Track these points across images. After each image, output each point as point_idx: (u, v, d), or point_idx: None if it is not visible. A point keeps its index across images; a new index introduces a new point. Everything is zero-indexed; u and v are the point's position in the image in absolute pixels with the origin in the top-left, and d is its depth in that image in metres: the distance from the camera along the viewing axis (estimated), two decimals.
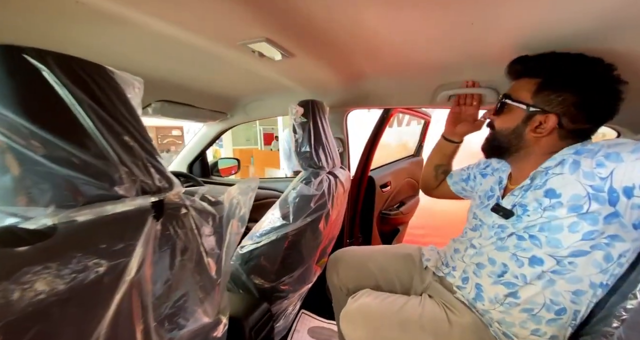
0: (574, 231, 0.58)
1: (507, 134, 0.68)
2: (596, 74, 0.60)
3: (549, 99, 0.61)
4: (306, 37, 0.68)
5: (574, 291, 0.61)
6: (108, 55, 0.76)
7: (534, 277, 0.63)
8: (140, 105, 0.53)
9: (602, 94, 0.60)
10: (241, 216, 0.58)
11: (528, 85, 0.65)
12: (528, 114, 0.64)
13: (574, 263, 0.59)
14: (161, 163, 0.50)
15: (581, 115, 0.61)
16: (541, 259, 0.62)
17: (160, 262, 0.45)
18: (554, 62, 0.63)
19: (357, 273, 0.95)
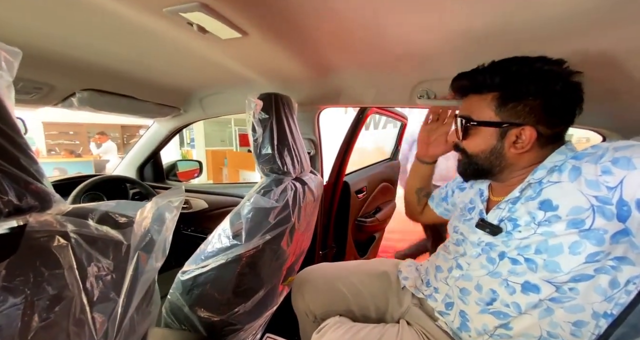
0: (575, 253, 0.50)
1: (485, 156, 0.60)
2: (552, 73, 0.54)
3: (516, 110, 0.55)
4: (258, 10, 0.54)
5: (575, 322, 0.52)
6: (12, 28, 0.58)
7: (529, 307, 0.54)
8: (11, 85, 0.36)
9: (565, 92, 0.55)
10: (160, 244, 0.42)
11: (485, 101, 0.58)
12: (501, 131, 0.57)
13: (575, 289, 0.51)
14: (33, 169, 0.33)
15: (554, 119, 0.55)
16: (536, 285, 0.54)
17: (3, 327, 0.29)
18: (506, 72, 0.56)
19: (326, 296, 0.82)
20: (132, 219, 0.41)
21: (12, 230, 0.31)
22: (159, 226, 0.43)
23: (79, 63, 0.77)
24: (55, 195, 0.36)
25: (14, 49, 0.35)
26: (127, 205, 0.43)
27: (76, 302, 0.33)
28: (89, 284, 0.34)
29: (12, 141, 0.32)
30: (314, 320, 0.84)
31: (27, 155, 0.33)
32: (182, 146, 7.32)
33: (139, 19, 0.55)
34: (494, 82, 0.57)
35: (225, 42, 0.65)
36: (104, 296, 0.35)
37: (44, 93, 0.82)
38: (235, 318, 0.73)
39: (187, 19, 0.53)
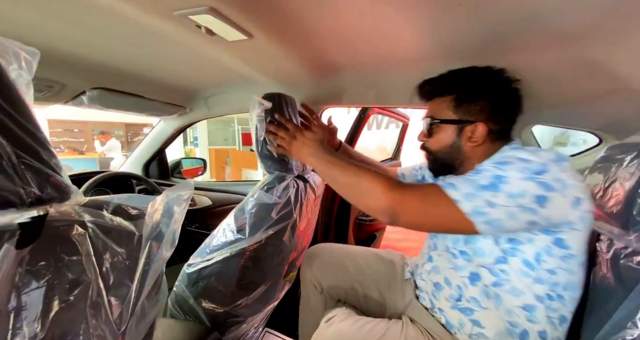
0: (486, 236, 0.59)
1: (447, 151, 0.69)
2: (498, 80, 0.66)
3: (469, 110, 0.65)
4: (263, 14, 0.56)
5: (524, 307, 0.58)
6: (28, 29, 0.60)
7: (483, 297, 0.61)
8: (30, 83, 0.39)
9: (508, 95, 0.66)
10: (169, 235, 0.44)
11: (444, 103, 0.67)
12: (458, 128, 0.66)
13: (505, 271, 0.58)
14: (53, 163, 0.36)
15: (500, 117, 0.65)
16: (477, 273, 0.62)
17: (27, 307, 0.31)
18: (461, 78, 0.67)
19: (333, 271, 0.87)
20: (143, 211, 0.43)
21: (34, 219, 0.34)
22: (168, 218, 0.45)
23: (90, 63, 0.80)
24: (73, 187, 0.39)
25: (32, 50, 0.38)
26: (139, 198, 0.45)
27: (93, 286, 0.35)
28: (104, 270, 0.36)
29: (33, 136, 0.34)
30: (321, 292, 0.89)
31: (47, 150, 0.36)
32: (185, 145, 7.36)
33: (150, 21, 0.58)
34: (451, 86, 0.67)
35: (232, 43, 0.67)
36: (119, 282, 0.38)
37: (55, 91, 0.85)
38: (238, 310, 0.75)
39: (195, 22, 0.55)
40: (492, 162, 0.55)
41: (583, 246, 0.56)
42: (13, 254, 0.30)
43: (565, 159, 0.53)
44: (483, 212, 0.50)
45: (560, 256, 0.55)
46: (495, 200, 0.50)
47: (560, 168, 0.51)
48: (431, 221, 0.56)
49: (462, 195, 0.52)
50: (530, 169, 0.51)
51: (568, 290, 0.57)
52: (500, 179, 0.51)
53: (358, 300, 0.86)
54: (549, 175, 0.50)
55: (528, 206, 0.50)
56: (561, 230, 0.54)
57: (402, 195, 0.55)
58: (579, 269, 0.57)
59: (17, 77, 0.37)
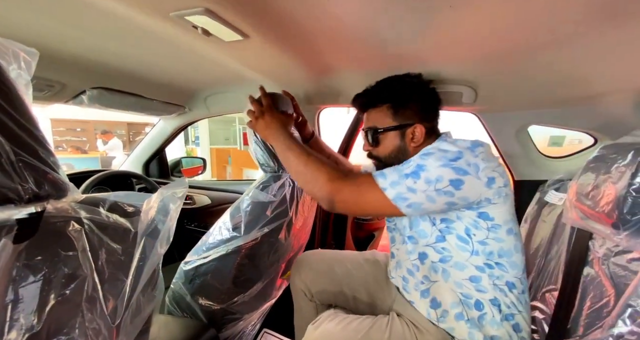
0: (424, 219, 0.67)
1: (394, 155, 0.74)
2: (419, 84, 0.75)
3: (406, 114, 0.71)
4: (259, 14, 0.57)
5: (470, 278, 0.64)
6: (28, 29, 0.61)
7: (431, 272, 0.68)
8: (29, 83, 0.40)
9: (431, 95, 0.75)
10: (164, 232, 0.45)
11: (381, 112, 0.73)
12: (401, 133, 0.72)
13: (446, 248, 0.66)
14: (51, 160, 0.37)
15: (430, 115, 0.74)
16: (424, 252, 0.69)
17: (24, 300, 0.32)
18: (390, 87, 0.74)
19: (322, 277, 0.89)
20: (139, 209, 0.44)
21: (31, 215, 0.35)
22: (163, 216, 0.46)
23: (90, 63, 0.81)
24: (70, 185, 0.40)
25: (31, 50, 0.39)
26: (135, 196, 0.46)
27: (89, 281, 0.36)
28: (100, 265, 0.37)
29: (31, 134, 0.35)
30: (310, 299, 0.89)
31: (45, 148, 0.37)
32: (187, 144, 7.38)
33: (147, 22, 0.58)
34: (385, 95, 0.73)
35: (228, 44, 0.68)
36: (114, 277, 0.39)
37: (55, 90, 0.86)
38: (235, 307, 0.76)
39: (192, 23, 0.56)
40: (419, 154, 0.64)
41: (506, 216, 0.64)
42: (10, 248, 0.31)
43: (479, 145, 0.63)
44: (405, 198, 0.59)
45: (486, 228, 0.63)
46: (415, 186, 0.59)
47: (473, 154, 0.60)
48: (363, 207, 0.65)
49: (388, 183, 0.61)
50: (447, 157, 0.60)
51: (504, 257, 0.63)
52: (421, 168, 0.60)
53: (348, 303, 0.87)
54: (463, 161, 0.59)
55: (444, 189, 0.58)
56: (482, 206, 0.61)
57: (339, 185, 0.64)
58: (507, 236, 0.64)
59: (16, 77, 0.38)
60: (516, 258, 0.64)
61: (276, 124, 0.74)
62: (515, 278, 0.64)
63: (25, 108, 0.35)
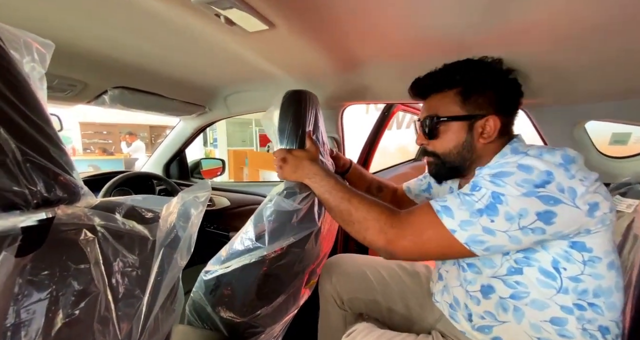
0: None
1: (458, 151, 0.62)
2: (499, 69, 0.63)
3: (478, 103, 0.60)
4: (287, 0, 0.51)
5: (552, 320, 0.52)
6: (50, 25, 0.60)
7: (499, 310, 0.56)
8: (44, 77, 0.36)
9: (512, 84, 0.63)
10: (186, 241, 0.40)
11: (447, 98, 0.62)
12: (469, 124, 0.60)
13: (521, 283, 0.53)
14: (63, 160, 0.33)
15: (509, 108, 0.62)
16: (490, 285, 0.57)
17: (27, 323, 0.28)
18: (463, 69, 0.62)
19: (354, 282, 0.82)
20: (158, 214, 0.39)
21: (40, 223, 0.30)
22: (184, 222, 0.41)
23: (111, 61, 0.79)
24: (83, 188, 0.35)
25: (46, 41, 0.35)
26: (154, 200, 0.42)
27: (101, 298, 0.31)
28: (114, 280, 0.33)
29: (42, 132, 0.31)
30: (340, 305, 0.83)
31: (57, 147, 0.32)
32: (205, 146, 7.56)
33: (168, 12, 0.55)
34: (454, 79, 0.61)
35: (252, 35, 0.63)
36: (129, 293, 0.34)
37: (77, 90, 0.85)
38: (257, 321, 0.71)
39: (215, 10, 0.51)
40: (490, 172, 0.50)
41: (607, 246, 0.50)
42: (12, 263, 0.27)
43: (573, 161, 0.48)
44: (482, 241, 0.47)
45: (581, 261, 0.50)
46: (493, 226, 0.46)
47: (568, 174, 0.46)
48: (429, 253, 0.53)
49: (457, 224, 0.48)
50: (531, 181, 0.46)
51: (601, 297, 0.50)
52: (498, 199, 0.47)
53: (381, 314, 0.80)
54: (553, 186, 0.45)
55: (531, 226, 0.46)
56: (578, 235, 0.49)
57: (396, 236, 0.52)
58: (608, 272, 0.50)
59: (30, 70, 0.34)
60: (616, 298, 0.51)
61: (303, 162, 0.65)
62: (611, 321, 0.51)
63: (36, 103, 0.31)
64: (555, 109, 0.86)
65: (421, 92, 0.67)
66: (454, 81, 0.61)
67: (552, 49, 0.63)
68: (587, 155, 0.92)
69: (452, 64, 0.64)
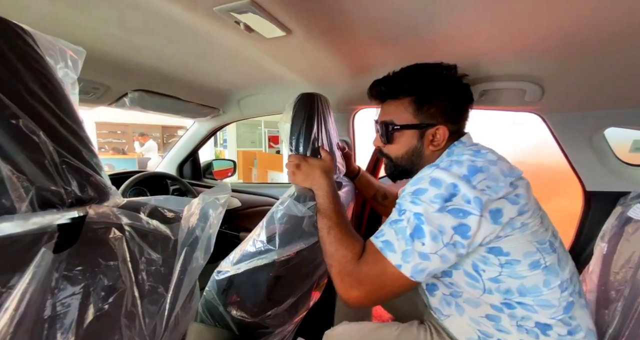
0: None
1: (408, 157, 0.66)
2: (452, 78, 0.64)
3: (430, 112, 0.61)
4: (305, 6, 0.53)
5: (487, 316, 0.56)
6: (76, 30, 0.63)
7: (444, 306, 0.61)
8: (76, 83, 0.38)
9: (463, 93, 0.64)
10: (205, 241, 0.41)
11: (402, 106, 0.64)
12: (420, 133, 0.63)
13: (454, 283, 0.57)
14: (94, 162, 0.35)
15: (458, 117, 0.64)
16: (433, 283, 0.61)
17: (62, 315, 0.29)
18: (418, 78, 0.63)
19: None
20: (179, 215, 0.41)
21: (73, 221, 0.32)
22: (203, 223, 0.42)
23: (132, 65, 0.82)
24: (112, 188, 0.37)
25: (78, 49, 0.37)
26: (175, 200, 0.43)
27: (128, 294, 0.33)
28: (140, 278, 0.34)
29: (76, 135, 0.33)
30: None
31: (89, 149, 0.34)
32: (215, 146, 7.67)
33: (190, 19, 0.57)
34: (409, 87, 0.62)
35: (269, 41, 0.65)
36: (154, 290, 0.35)
37: (100, 93, 0.88)
38: (267, 321, 0.72)
39: (235, 18, 0.53)
40: (410, 190, 0.52)
41: (527, 247, 0.51)
42: (50, 258, 0.28)
43: (480, 170, 0.49)
44: (422, 270, 0.48)
45: (498, 264, 0.51)
46: (425, 249, 0.48)
47: (470, 185, 0.47)
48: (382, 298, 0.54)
49: (400, 257, 0.49)
50: (441, 196, 0.48)
51: (528, 296, 0.51)
52: (420, 219, 0.48)
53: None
54: (459, 199, 0.47)
55: (452, 241, 0.48)
56: (490, 242, 0.50)
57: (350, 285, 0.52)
58: (530, 271, 0.51)
59: (64, 75, 0.36)
60: (549, 296, 0.51)
61: (315, 172, 0.67)
62: (551, 319, 0.51)
63: (71, 108, 0.33)
64: (573, 115, 0.84)
65: (378, 96, 0.69)
66: (408, 89, 0.63)
67: (572, 55, 0.62)
68: (607, 162, 0.89)
69: (408, 68, 0.65)
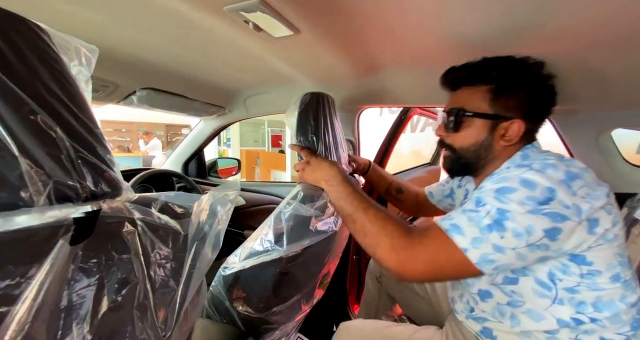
0: None
1: (475, 149, 0.61)
2: (539, 73, 0.59)
3: (507, 104, 0.57)
4: (314, 6, 0.53)
5: (546, 331, 0.51)
6: (88, 28, 0.64)
7: (496, 313, 0.57)
8: (89, 80, 0.39)
9: (548, 91, 0.60)
10: (214, 237, 0.42)
11: (478, 93, 0.59)
12: (492, 124, 0.58)
13: (516, 292, 0.53)
14: (107, 158, 0.35)
15: (538, 115, 0.60)
16: (488, 291, 0.58)
17: (78, 306, 0.30)
18: (501, 66, 0.59)
19: None
20: (189, 210, 0.42)
21: (88, 214, 0.33)
22: (213, 219, 0.43)
23: (141, 63, 0.83)
24: (124, 183, 0.38)
25: (91, 47, 0.37)
26: (184, 196, 0.44)
27: (140, 287, 0.34)
28: (152, 271, 0.35)
29: (90, 131, 0.33)
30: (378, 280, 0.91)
31: (102, 145, 0.35)
32: (219, 145, 7.70)
33: (199, 17, 0.57)
34: (490, 74, 0.58)
35: (276, 40, 0.65)
36: (165, 284, 0.36)
37: (109, 91, 0.89)
38: (272, 317, 0.73)
39: (244, 17, 0.54)
40: (493, 187, 0.49)
41: (612, 258, 0.49)
42: (67, 250, 0.29)
43: (577, 177, 0.47)
44: (492, 260, 0.47)
45: (579, 274, 0.49)
46: (503, 243, 0.46)
47: (570, 191, 0.46)
48: (440, 277, 0.55)
49: (469, 241, 0.47)
50: (535, 199, 0.45)
51: (604, 311, 0.48)
52: (504, 215, 0.46)
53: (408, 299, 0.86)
54: (556, 203, 0.45)
55: (537, 243, 0.46)
56: (577, 249, 0.48)
57: (408, 258, 0.50)
58: (610, 284, 0.49)
59: (77, 73, 0.37)
60: (622, 311, 0.49)
61: (324, 164, 0.65)
62: (617, 335, 0.49)
63: (85, 105, 0.34)
64: (580, 116, 0.84)
65: (453, 83, 0.64)
66: (489, 77, 0.58)
67: (582, 55, 0.62)
68: (614, 164, 0.89)
69: (492, 58, 0.60)
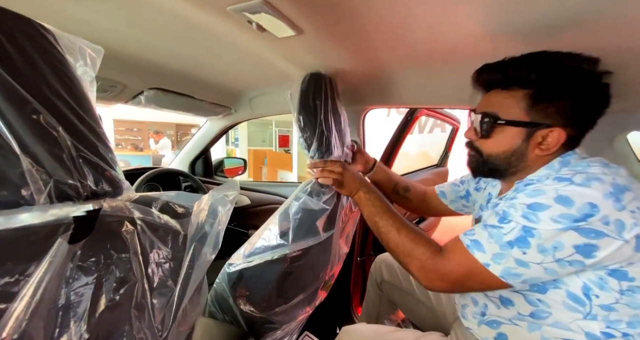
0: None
1: (505, 157, 0.55)
2: (587, 73, 0.50)
3: (546, 111, 0.50)
4: (317, 6, 0.52)
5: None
6: (95, 30, 0.65)
7: (516, 321, 0.54)
8: (94, 80, 0.39)
9: (597, 94, 0.51)
10: (213, 237, 0.42)
11: (514, 98, 0.52)
12: (528, 132, 0.52)
13: (543, 302, 0.49)
14: (109, 157, 0.36)
15: (583, 121, 0.52)
16: (509, 298, 0.54)
17: (75, 304, 0.30)
18: (542, 68, 0.50)
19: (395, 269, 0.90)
20: (189, 210, 0.42)
21: (88, 213, 0.33)
22: (212, 219, 0.43)
23: (148, 63, 0.84)
24: (125, 183, 0.38)
25: (97, 47, 0.38)
26: (185, 196, 0.44)
27: (138, 286, 0.34)
28: (150, 270, 0.35)
29: (93, 130, 0.34)
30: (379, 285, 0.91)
31: (105, 144, 0.35)
32: (227, 145, 7.79)
33: (203, 18, 0.58)
34: (529, 78, 0.51)
35: (280, 40, 0.65)
36: (163, 284, 0.36)
37: (117, 91, 0.91)
38: (274, 317, 0.73)
39: (247, 17, 0.54)
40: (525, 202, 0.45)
41: None
42: (66, 248, 0.30)
43: (626, 189, 0.42)
44: (517, 274, 0.45)
45: (618, 290, 0.44)
46: (526, 258, 0.44)
47: (617, 205, 0.40)
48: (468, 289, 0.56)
49: (490, 257, 0.46)
50: (570, 216, 0.41)
51: (639, 328, 0.45)
52: (530, 233, 0.43)
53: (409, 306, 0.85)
54: (597, 219, 0.40)
55: (569, 259, 0.43)
56: (619, 263, 0.43)
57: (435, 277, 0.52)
58: None
59: (82, 73, 0.37)
60: None
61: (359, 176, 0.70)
62: None
63: (89, 104, 0.34)
64: None
65: (485, 84, 0.58)
66: (527, 81, 0.51)
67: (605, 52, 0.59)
68: (629, 166, 0.85)
69: (532, 55, 0.52)
